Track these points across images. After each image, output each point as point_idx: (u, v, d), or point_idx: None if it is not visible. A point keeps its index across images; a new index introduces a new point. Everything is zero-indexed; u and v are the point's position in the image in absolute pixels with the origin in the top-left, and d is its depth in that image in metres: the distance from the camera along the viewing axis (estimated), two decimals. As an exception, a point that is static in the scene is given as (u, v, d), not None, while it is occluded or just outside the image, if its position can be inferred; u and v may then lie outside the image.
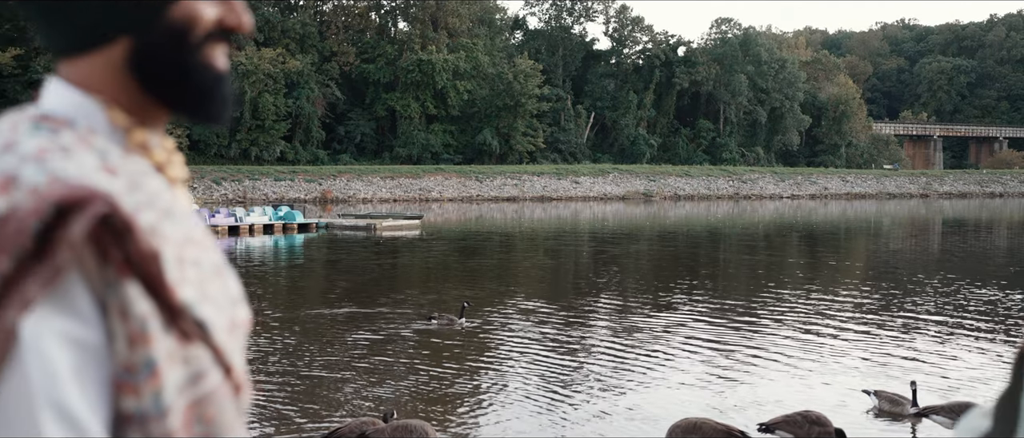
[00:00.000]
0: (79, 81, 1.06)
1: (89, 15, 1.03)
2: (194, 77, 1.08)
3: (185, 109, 1.11)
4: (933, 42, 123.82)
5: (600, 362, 11.38)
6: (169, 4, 1.05)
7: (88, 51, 1.05)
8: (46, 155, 0.98)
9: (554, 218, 49.07)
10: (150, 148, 1.10)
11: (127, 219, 0.98)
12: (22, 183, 0.95)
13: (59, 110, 1.04)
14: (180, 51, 1.07)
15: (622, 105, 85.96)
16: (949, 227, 43.40)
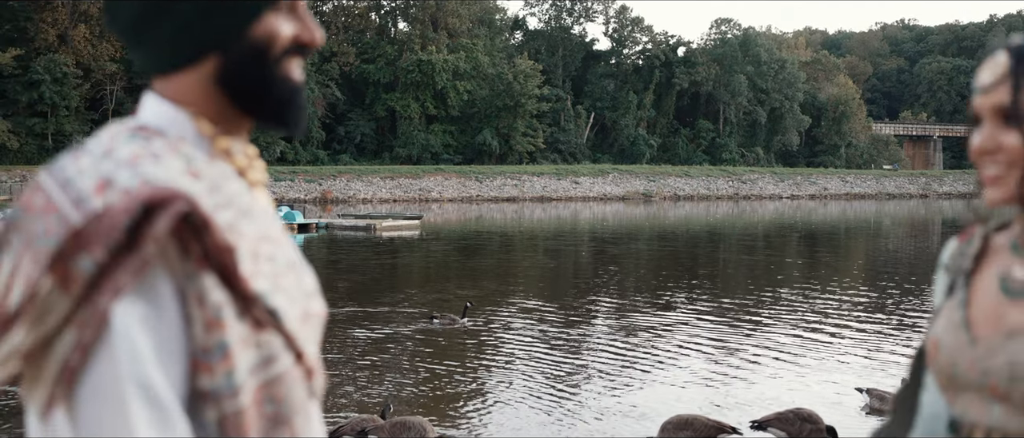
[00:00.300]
0: (172, 95, 1.20)
1: (184, 38, 1.17)
2: (274, 89, 1.22)
3: (266, 118, 1.24)
4: (933, 42, 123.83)
5: (599, 361, 11.45)
6: (251, 23, 1.19)
7: (181, 69, 1.19)
8: (138, 160, 1.10)
9: (554, 218, 49.13)
10: (233, 154, 1.23)
11: (205, 217, 1.09)
12: (116, 185, 1.07)
13: (153, 121, 1.19)
14: (262, 65, 1.20)
15: (622, 105, 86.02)
16: (948, 227, 43.45)
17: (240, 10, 1.18)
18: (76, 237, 1.03)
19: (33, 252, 1.05)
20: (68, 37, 65.41)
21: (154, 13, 1.17)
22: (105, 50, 66.23)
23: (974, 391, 1.36)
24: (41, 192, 1.09)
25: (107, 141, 1.14)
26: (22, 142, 62.26)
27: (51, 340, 1.04)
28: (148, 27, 1.18)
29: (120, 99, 68.07)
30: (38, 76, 62.30)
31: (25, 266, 1.05)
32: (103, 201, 1.05)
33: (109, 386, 1.03)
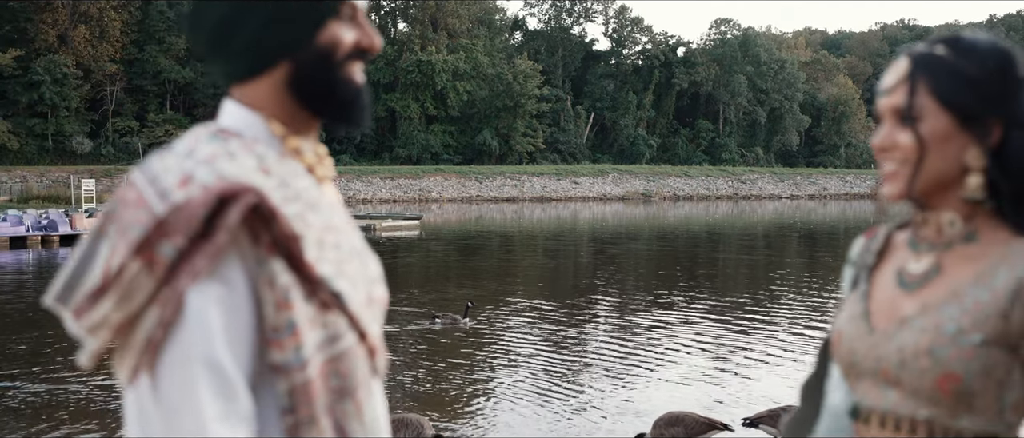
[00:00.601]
0: (247, 101, 1.34)
1: (256, 48, 1.31)
2: (339, 90, 1.34)
3: (332, 118, 1.37)
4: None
5: (598, 359, 11.48)
6: (317, 32, 1.31)
7: (255, 76, 1.33)
8: (215, 159, 1.25)
9: (553, 218, 49.15)
10: (302, 152, 1.36)
11: (272, 208, 1.23)
12: (196, 180, 1.21)
13: (231, 124, 1.33)
14: (327, 70, 1.33)
15: (621, 105, 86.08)
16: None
17: (306, 21, 1.31)
18: (160, 226, 1.17)
19: (125, 239, 1.19)
20: (68, 38, 65.48)
21: (230, 28, 1.31)
22: (105, 51, 66.31)
23: (871, 377, 1.47)
24: (133, 187, 1.23)
25: (190, 142, 1.29)
26: (22, 142, 62.34)
27: (138, 316, 1.18)
28: (225, 41, 1.32)
29: (120, 99, 68.13)
30: (38, 77, 62.37)
31: (119, 251, 1.19)
32: (184, 194, 1.19)
33: (183, 359, 1.17)
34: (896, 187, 1.48)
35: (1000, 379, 1.37)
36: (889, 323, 1.47)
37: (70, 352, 11.93)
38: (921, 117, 1.43)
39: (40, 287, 20.35)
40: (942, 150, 1.42)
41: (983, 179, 1.41)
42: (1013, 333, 1.36)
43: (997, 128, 1.41)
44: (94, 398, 9.71)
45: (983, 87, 1.41)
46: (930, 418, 1.41)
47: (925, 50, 1.46)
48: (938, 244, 1.48)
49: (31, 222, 31.23)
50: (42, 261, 25.85)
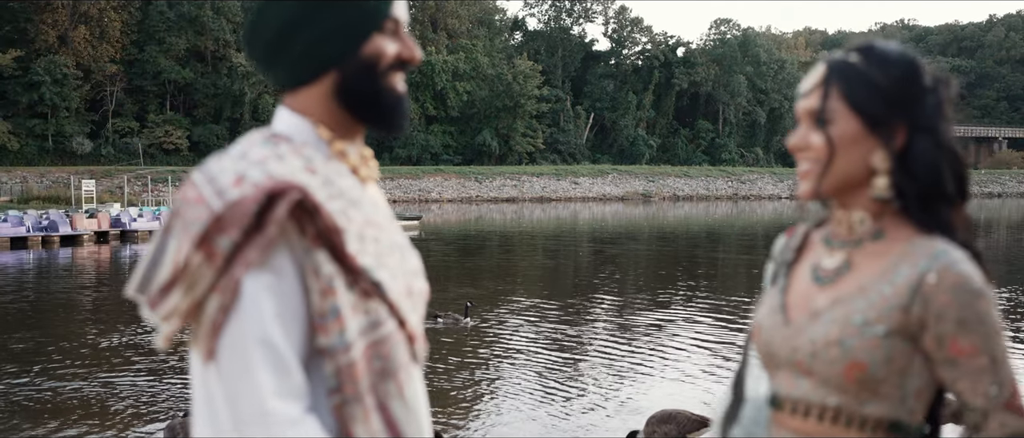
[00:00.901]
0: (298, 107, 1.48)
1: (307, 59, 1.44)
2: (382, 98, 1.48)
3: (375, 123, 1.51)
4: (932, 42, 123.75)
5: (597, 358, 11.51)
6: (362, 45, 1.45)
7: (306, 85, 1.47)
8: (266, 160, 1.38)
9: (553, 219, 49.14)
10: (347, 155, 1.49)
11: (316, 203, 1.35)
12: (248, 180, 1.34)
13: (282, 129, 1.47)
14: (371, 79, 1.47)
15: (621, 106, 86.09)
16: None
17: (353, 35, 1.44)
18: (217, 221, 1.31)
19: (188, 234, 1.33)
20: (68, 38, 65.48)
21: (284, 42, 1.45)
22: (105, 51, 66.30)
23: (787, 367, 1.56)
24: (193, 186, 1.36)
25: (244, 146, 1.42)
26: (22, 143, 62.34)
27: (202, 303, 1.32)
28: (279, 53, 1.46)
29: (120, 100, 68.13)
30: (38, 77, 62.35)
31: (184, 245, 1.33)
32: (238, 193, 1.32)
33: (240, 340, 1.31)
34: (808, 185, 1.57)
35: (902, 368, 1.47)
36: (803, 316, 1.55)
37: (70, 351, 12.07)
38: (832, 120, 1.52)
39: (41, 287, 20.37)
40: (850, 152, 1.51)
41: (889, 180, 1.50)
42: (913, 325, 1.45)
43: (902, 132, 1.50)
44: (95, 396, 9.74)
45: (889, 94, 1.50)
46: (839, 405, 1.50)
47: (840, 58, 1.55)
48: (849, 241, 1.56)
49: (32, 223, 31.25)
50: (42, 262, 25.80)
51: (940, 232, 1.50)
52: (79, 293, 19.10)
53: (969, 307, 1.43)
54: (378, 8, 1.46)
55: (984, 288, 1.45)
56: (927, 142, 1.50)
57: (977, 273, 1.46)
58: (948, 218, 1.51)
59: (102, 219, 32.69)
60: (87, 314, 15.96)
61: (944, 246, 1.47)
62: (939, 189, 1.50)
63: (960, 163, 1.53)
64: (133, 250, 29.23)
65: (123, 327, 13.86)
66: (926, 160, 1.49)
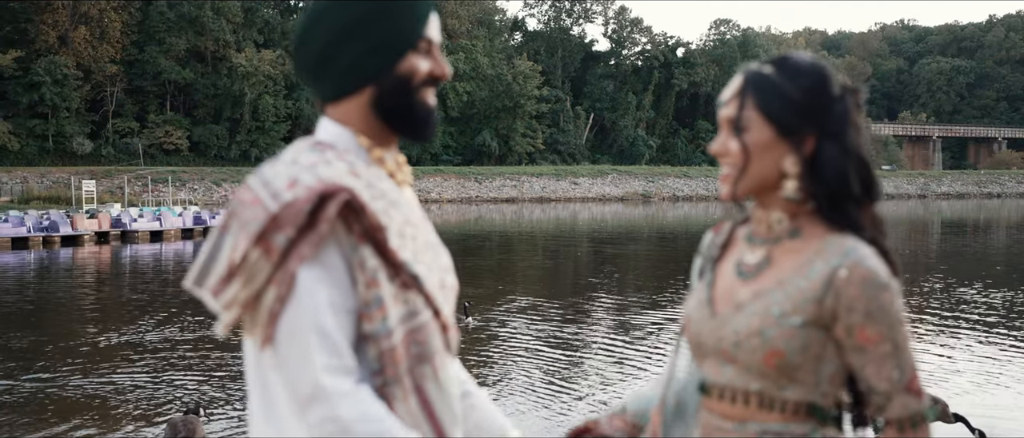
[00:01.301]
0: (339, 118, 1.64)
1: (348, 75, 1.61)
2: (415, 111, 1.64)
3: (407, 133, 1.68)
4: (932, 42, 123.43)
5: (597, 358, 11.53)
6: (398, 62, 1.61)
7: (346, 97, 1.63)
8: (315, 165, 1.54)
9: (553, 219, 49.07)
10: (384, 161, 1.67)
11: (363, 203, 1.51)
12: (300, 183, 1.49)
13: (326, 137, 1.63)
14: (405, 94, 1.62)
15: (621, 106, 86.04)
16: (947, 228, 43.44)
17: (390, 54, 1.60)
18: (274, 220, 1.46)
19: (246, 232, 1.48)
20: (69, 39, 65.46)
21: (328, 58, 1.61)
22: (105, 52, 66.27)
23: (713, 356, 1.69)
24: (249, 190, 1.52)
25: (294, 153, 1.58)
26: (23, 143, 62.32)
27: (260, 294, 1.47)
28: (322, 69, 1.62)
29: (120, 100, 68.10)
30: (39, 78, 62.32)
31: (241, 242, 1.48)
32: (292, 195, 1.48)
33: (296, 326, 1.45)
34: (726, 188, 1.68)
35: (817, 355, 1.60)
36: (728, 308, 1.67)
37: (71, 350, 12.08)
38: (747, 128, 1.64)
39: (42, 287, 20.30)
40: (764, 157, 1.63)
41: (798, 183, 1.63)
42: (826, 316, 1.58)
43: (811, 139, 1.63)
44: (94, 393, 9.76)
45: (799, 104, 1.62)
46: (760, 390, 1.63)
47: (756, 69, 1.68)
48: (769, 239, 1.69)
49: (33, 223, 31.23)
50: (43, 262, 25.72)
51: (850, 230, 1.62)
52: (81, 293, 19.04)
53: (875, 299, 1.56)
54: (413, 29, 1.61)
55: (889, 282, 1.58)
56: (834, 148, 1.62)
57: (884, 268, 1.58)
58: (857, 218, 1.63)
59: (103, 219, 32.62)
60: (89, 314, 15.95)
61: (854, 243, 1.60)
62: (847, 191, 1.62)
63: (867, 168, 1.66)
64: (134, 250, 29.14)
65: (124, 326, 13.87)
66: (833, 165, 1.62)
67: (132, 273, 23.59)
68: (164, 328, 13.68)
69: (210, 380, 10.34)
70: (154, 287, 19.56)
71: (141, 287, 19.66)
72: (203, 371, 10.81)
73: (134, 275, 22.97)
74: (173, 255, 27.75)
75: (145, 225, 33.46)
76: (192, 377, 10.48)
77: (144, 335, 13.12)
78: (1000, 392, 10.03)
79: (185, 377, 10.50)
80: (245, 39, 72.93)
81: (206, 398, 9.50)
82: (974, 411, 8.71)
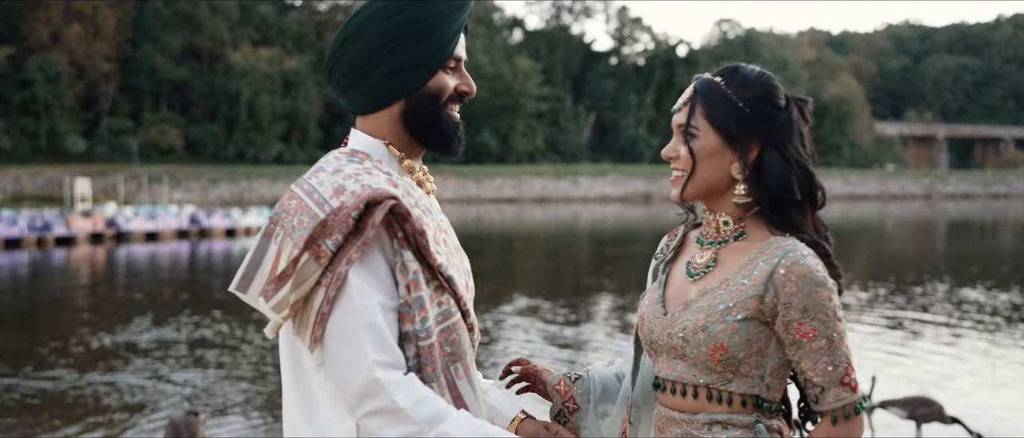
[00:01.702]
0: (370, 130, 1.79)
1: (380, 90, 1.74)
2: (442, 126, 1.77)
3: (434, 146, 1.80)
4: (938, 41, 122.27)
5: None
6: (428, 79, 1.73)
7: (377, 111, 1.77)
8: (359, 174, 1.69)
9: (553, 219, 48.69)
10: (414, 170, 1.80)
11: (407, 209, 1.64)
12: (347, 190, 1.64)
13: (361, 147, 1.78)
14: (434, 109, 1.76)
15: (622, 105, 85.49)
16: (953, 229, 42.95)
17: (421, 72, 1.72)
18: (323, 226, 1.58)
19: (293, 238, 1.62)
20: (62, 36, 64.77)
21: (361, 74, 1.73)
22: (99, 49, 65.59)
23: (665, 353, 1.81)
24: (295, 198, 1.66)
25: (333, 163, 1.72)
26: (15, 142, 61.64)
27: (309, 296, 1.59)
28: (356, 83, 1.75)
29: (115, 98, 67.47)
30: (31, 75, 61.70)
31: (287, 247, 1.63)
32: (339, 202, 1.62)
33: (347, 325, 1.58)
34: (675, 191, 1.82)
35: (760, 349, 1.73)
36: (678, 307, 1.81)
37: (64, 351, 12.19)
38: (696, 135, 1.77)
39: (36, 287, 20.36)
40: (711, 163, 1.77)
41: (744, 188, 1.77)
42: (767, 312, 1.71)
43: (756, 147, 1.76)
44: (87, 393, 9.88)
45: (745, 114, 1.75)
46: (708, 383, 1.76)
47: (706, 79, 1.81)
48: (717, 241, 1.82)
49: (26, 223, 30.78)
50: (37, 263, 25.49)
51: (791, 233, 1.76)
52: (77, 294, 18.96)
53: (811, 296, 1.68)
54: (444, 49, 1.73)
55: (826, 280, 1.70)
56: (777, 157, 1.75)
57: (820, 267, 1.71)
58: (799, 221, 1.77)
59: (97, 220, 32.24)
60: (84, 315, 16.03)
61: (793, 244, 1.72)
62: (789, 197, 1.75)
63: (810, 176, 1.78)
64: (129, 251, 28.76)
65: (122, 327, 13.95)
66: (775, 172, 1.74)
67: (127, 274, 23.54)
68: (160, 329, 13.80)
69: (207, 380, 10.49)
70: (151, 288, 19.50)
71: (137, 288, 19.61)
72: (199, 371, 10.99)
73: (130, 276, 22.70)
74: (168, 257, 27.39)
75: (140, 225, 32.98)
76: (189, 377, 10.66)
77: (140, 336, 13.17)
78: (1003, 393, 9.96)
79: (185, 375, 10.68)
80: (241, 37, 72.34)
81: (203, 399, 9.65)
82: (976, 412, 8.83)
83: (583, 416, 2.01)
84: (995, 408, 9.32)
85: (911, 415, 8.10)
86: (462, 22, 1.76)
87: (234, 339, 13.01)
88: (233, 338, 13.08)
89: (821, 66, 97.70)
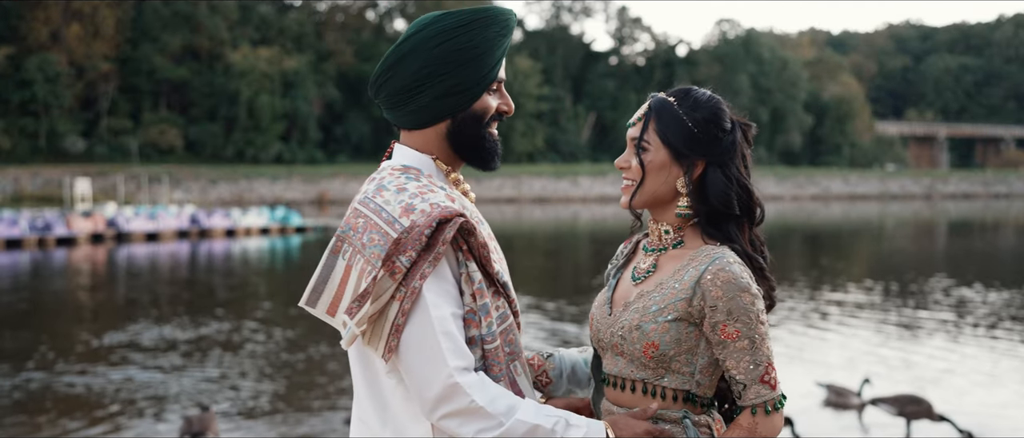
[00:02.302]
0: (417, 145, 1.92)
1: (430, 110, 1.87)
2: (485, 144, 1.92)
3: (475, 162, 1.94)
4: (939, 40, 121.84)
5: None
6: (474, 101, 1.88)
7: (425, 128, 1.90)
8: (423, 192, 1.81)
9: (553, 219, 48.65)
10: (460, 182, 1.94)
11: (472, 226, 1.78)
12: (416, 209, 1.77)
13: (412, 163, 1.90)
14: (477, 128, 1.90)
15: (622, 105, 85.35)
16: (953, 229, 42.89)
17: (468, 95, 1.86)
18: (396, 244, 1.71)
19: (364, 255, 1.77)
20: (61, 36, 64.67)
21: (411, 94, 1.86)
22: (99, 49, 65.50)
23: (610, 350, 1.97)
24: (361, 216, 1.80)
25: (394, 180, 1.85)
26: (14, 142, 61.56)
27: (384, 310, 1.71)
28: (405, 103, 1.88)
29: (114, 98, 67.40)
30: (30, 75, 61.62)
31: (359, 263, 1.78)
32: (409, 221, 1.75)
33: (424, 335, 1.71)
34: (624, 198, 2.04)
35: (690, 348, 1.88)
36: (619, 308, 1.97)
37: (64, 350, 12.39)
38: (647, 149, 1.97)
39: (37, 287, 20.51)
40: (659, 176, 1.96)
41: (688, 201, 1.94)
42: (695, 314, 1.86)
43: (701, 165, 1.93)
44: (87, 390, 10.06)
45: (693, 134, 1.92)
46: (643, 378, 1.91)
47: (661, 98, 1.97)
48: (658, 248, 2.01)
49: (27, 224, 30.78)
50: (38, 263, 25.50)
51: (725, 243, 1.92)
52: (79, 294, 19.05)
53: (735, 300, 1.81)
54: (489, 74, 1.87)
55: (749, 285, 1.83)
56: (719, 175, 1.92)
57: (745, 274, 1.84)
58: (735, 235, 1.93)
59: (98, 220, 32.24)
60: (90, 314, 16.25)
61: (722, 252, 1.88)
62: (727, 212, 1.91)
63: (748, 194, 1.94)
64: (130, 251, 28.76)
65: (126, 325, 14.23)
66: (716, 189, 1.91)
67: (129, 274, 23.50)
68: (163, 327, 14.00)
69: (213, 379, 10.68)
70: (153, 288, 19.61)
71: (139, 288, 19.70)
72: (205, 368, 11.18)
73: (132, 276, 22.74)
74: (169, 257, 27.38)
75: (141, 226, 32.96)
76: (195, 374, 10.88)
77: (143, 334, 13.40)
78: (998, 391, 10.05)
79: (196, 374, 10.87)
80: (241, 37, 72.24)
81: (209, 395, 9.83)
82: (972, 409, 9.05)
83: (555, 389, 2.12)
84: (992, 405, 9.42)
85: (900, 412, 8.25)
86: (506, 48, 1.89)
87: (240, 336, 13.17)
88: (239, 336, 13.23)
89: (821, 66, 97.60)
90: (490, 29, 1.86)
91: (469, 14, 1.86)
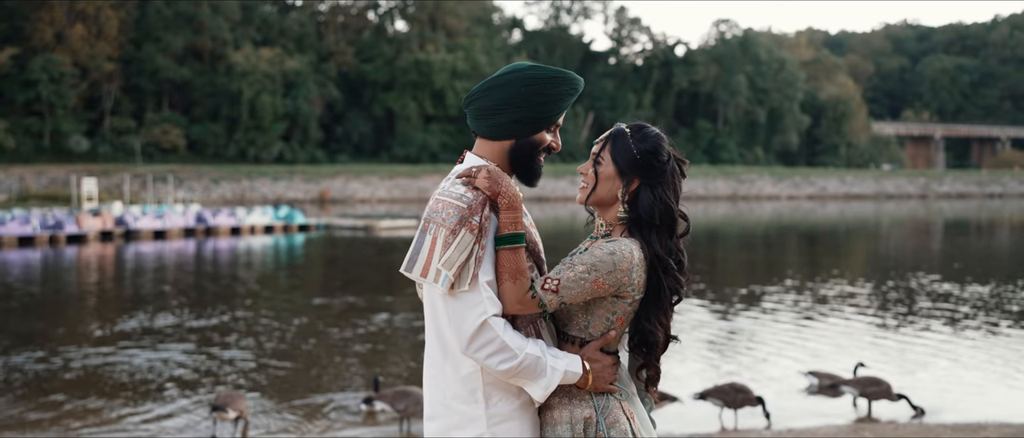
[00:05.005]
0: (485, 153, 2.57)
1: (503, 130, 2.53)
2: (532, 165, 2.57)
3: (522, 177, 2.58)
4: (936, 41, 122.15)
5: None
6: (536, 133, 2.54)
7: (495, 141, 2.55)
8: None
9: (552, 218, 49.03)
10: None
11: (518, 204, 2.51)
12: (474, 189, 2.45)
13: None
14: (531, 153, 2.56)
15: (620, 105, 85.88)
16: (947, 228, 43.32)
17: (533, 127, 2.52)
18: (470, 209, 2.37)
19: (446, 227, 2.37)
20: (65, 36, 65.15)
21: (492, 113, 2.51)
22: (102, 49, 65.95)
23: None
24: (440, 202, 2.41)
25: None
26: (19, 141, 62.00)
27: (468, 259, 2.36)
28: (487, 119, 2.53)
29: (117, 98, 67.86)
30: (35, 75, 62.05)
31: (442, 234, 2.37)
32: (472, 194, 2.41)
33: (476, 283, 2.38)
34: (580, 197, 2.60)
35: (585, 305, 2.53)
36: None
37: (78, 336, 13.10)
38: (601, 163, 2.57)
39: (50, 281, 21.18)
40: (606, 185, 2.56)
41: (624, 207, 2.55)
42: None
43: (637, 182, 2.54)
44: (97, 372, 10.68)
45: (635, 159, 2.53)
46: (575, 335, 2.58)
47: (621, 128, 2.57)
48: (596, 237, 2.62)
49: (38, 222, 31.38)
50: (49, 260, 25.98)
51: (641, 241, 2.52)
52: (94, 287, 19.64)
53: (600, 249, 2.47)
54: (552, 117, 2.53)
55: (620, 254, 2.46)
56: (647, 193, 2.53)
57: (629, 254, 2.46)
58: (652, 239, 2.51)
59: (107, 218, 32.83)
60: (104, 305, 16.98)
61: (627, 240, 2.50)
62: (649, 222, 2.51)
63: (669, 212, 2.53)
64: (139, 248, 29.28)
65: (143, 315, 14.90)
66: (644, 204, 2.52)
67: (139, 270, 24.02)
68: (176, 316, 14.73)
69: (237, 360, 11.42)
70: (164, 282, 20.21)
71: (151, 282, 20.36)
72: (223, 352, 11.82)
73: (142, 272, 23.33)
74: (176, 254, 27.91)
75: (148, 224, 33.60)
76: (217, 358, 11.56)
77: (159, 323, 14.06)
78: (967, 374, 10.79)
79: (223, 356, 11.68)
80: (243, 37, 72.68)
81: (235, 379, 10.39)
82: (954, 396, 9.67)
83: None
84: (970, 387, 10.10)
85: (862, 393, 9.02)
86: (570, 103, 2.53)
87: (259, 325, 13.89)
88: (258, 325, 13.93)
89: (818, 66, 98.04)
90: (562, 87, 2.50)
91: (552, 72, 2.49)
